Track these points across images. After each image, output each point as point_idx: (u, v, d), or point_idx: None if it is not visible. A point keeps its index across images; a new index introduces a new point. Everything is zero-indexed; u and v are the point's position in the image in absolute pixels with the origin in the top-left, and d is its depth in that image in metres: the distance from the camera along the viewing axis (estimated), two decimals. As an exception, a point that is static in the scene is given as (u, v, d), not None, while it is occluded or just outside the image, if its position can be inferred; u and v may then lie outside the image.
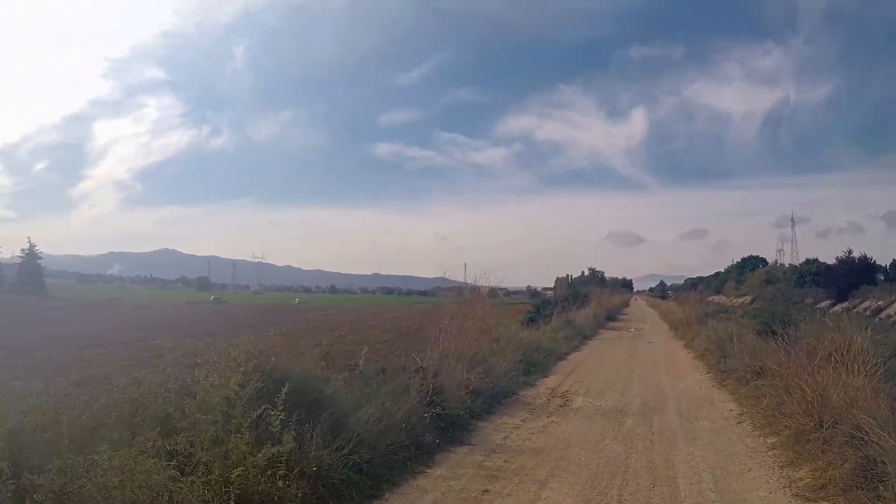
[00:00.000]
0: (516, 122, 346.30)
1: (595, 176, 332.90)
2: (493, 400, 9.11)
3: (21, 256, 64.61)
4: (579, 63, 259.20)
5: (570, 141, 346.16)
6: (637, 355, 17.02)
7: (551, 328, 19.18)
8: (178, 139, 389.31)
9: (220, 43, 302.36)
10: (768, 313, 17.51)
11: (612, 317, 33.31)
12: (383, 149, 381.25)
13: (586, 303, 30.10)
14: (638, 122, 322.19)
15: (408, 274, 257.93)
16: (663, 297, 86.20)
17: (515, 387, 10.47)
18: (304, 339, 19.72)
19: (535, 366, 12.97)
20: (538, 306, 30.11)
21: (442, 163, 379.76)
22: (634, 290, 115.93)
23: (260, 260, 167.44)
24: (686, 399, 9.82)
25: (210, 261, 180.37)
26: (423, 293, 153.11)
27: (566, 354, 16.41)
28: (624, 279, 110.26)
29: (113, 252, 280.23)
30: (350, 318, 40.51)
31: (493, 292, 16.48)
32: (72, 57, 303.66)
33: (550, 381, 11.95)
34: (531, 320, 24.57)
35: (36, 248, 65.62)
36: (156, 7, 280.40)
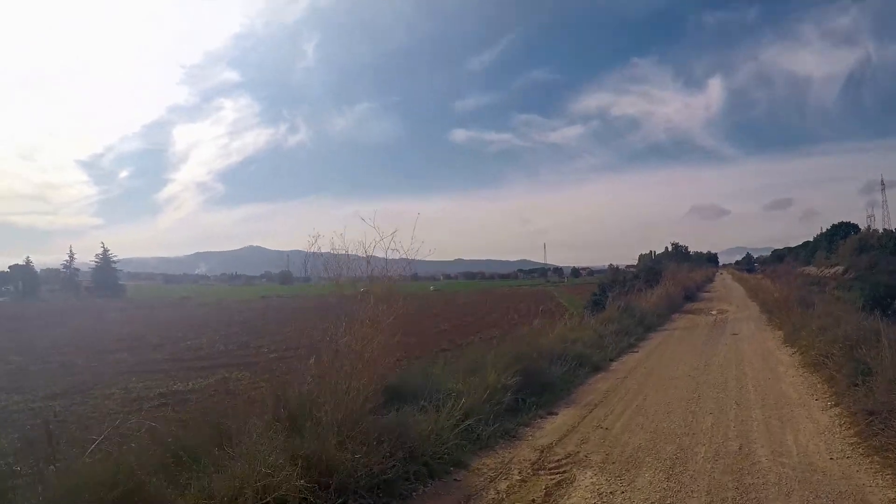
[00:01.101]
0: (592, 100, 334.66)
1: (674, 149, 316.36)
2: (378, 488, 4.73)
3: (96, 261, 66.90)
4: (652, 34, 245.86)
5: (646, 115, 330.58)
6: (714, 363, 11.49)
7: (600, 320, 14.60)
8: (255, 138, 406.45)
9: (290, 41, 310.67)
10: (871, 284, 13.79)
11: (691, 296, 27.85)
12: (460, 134, 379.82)
13: (660, 281, 24.84)
14: (715, 91, 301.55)
15: (490, 258, 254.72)
16: (749, 271, 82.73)
17: (463, 453, 5.88)
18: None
19: (544, 388, 8.37)
20: (604, 286, 25.26)
21: (519, 145, 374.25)
22: (720, 263, 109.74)
23: (342, 252, 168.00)
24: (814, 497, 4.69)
25: (286, 255, 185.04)
26: (505, 276, 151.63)
27: (608, 362, 11.74)
28: (708, 253, 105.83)
29: (199, 252, 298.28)
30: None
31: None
32: (148, 68, 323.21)
33: (555, 423, 7.29)
34: (596, 304, 20.47)
35: (110, 252, 68.16)
36: (225, 13, 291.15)
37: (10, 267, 69.08)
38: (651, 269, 30.17)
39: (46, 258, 77.73)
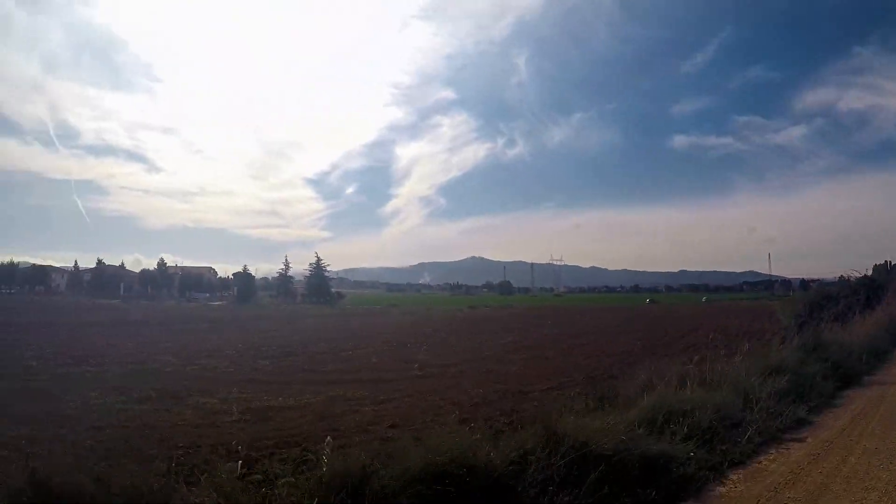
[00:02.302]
0: (814, 96, 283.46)
1: None
2: None
3: (310, 270, 76.14)
4: (872, 18, 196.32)
5: (875, 109, 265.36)
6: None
7: (761, 368, 9.32)
8: (474, 153, 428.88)
9: (501, 57, 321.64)
10: None
11: None
12: (678, 140, 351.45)
13: (883, 298, 18.08)
14: None
15: (715, 269, 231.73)
16: None
17: None
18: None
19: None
20: (812, 306, 19.18)
21: (740, 148, 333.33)
22: None
23: (558, 262, 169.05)
24: None
25: (507, 266, 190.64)
26: (729, 289, 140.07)
27: (726, 472, 6.07)
28: None
29: (423, 262, 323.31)
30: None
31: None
32: (366, 91, 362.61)
33: None
34: (802, 327, 15.13)
35: (323, 262, 76.90)
36: (436, 34, 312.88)
37: (233, 274, 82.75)
38: (873, 282, 21.71)
39: (277, 266, 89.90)
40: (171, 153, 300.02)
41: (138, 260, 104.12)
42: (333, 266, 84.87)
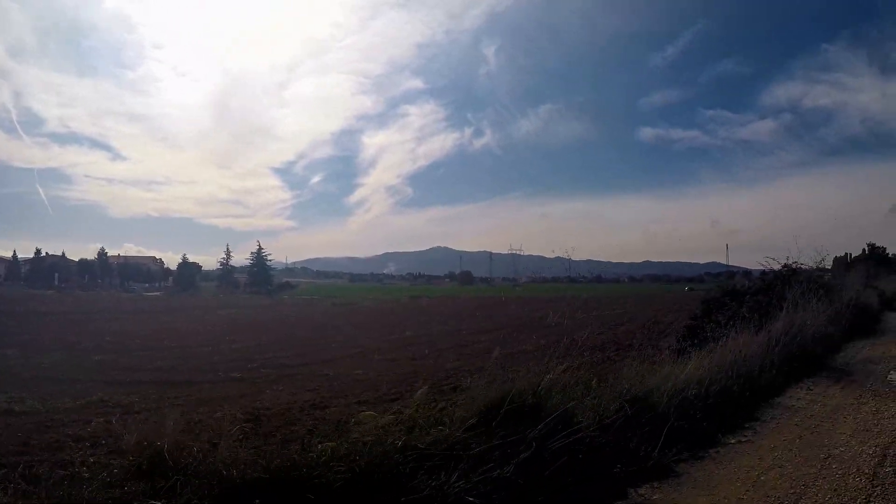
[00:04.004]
0: (781, 91, 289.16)
1: (872, 143, 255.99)
2: None
3: (251, 260, 73.13)
4: (840, 15, 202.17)
5: (841, 105, 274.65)
6: None
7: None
8: (442, 143, 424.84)
9: (472, 47, 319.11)
10: None
11: (865, 327, 15.48)
12: (646, 133, 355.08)
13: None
14: None
15: (679, 260, 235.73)
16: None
17: None
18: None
19: None
20: (711, 304, 16.44)
21: (707, 142, 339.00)
22: None
23: (518, 252, 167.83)
24: None
25: (472, 256, 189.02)
26: (691, 279, 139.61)
27: None
28: None
29: (388, 252, 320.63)
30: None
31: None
32: (335, 79, 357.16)
33: None
34: (692, 335, 12.44)
35: (264, 252, 73.96)
36: (407, 23, 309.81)
37: (178, 265, 79.37)
38: (777, 277, 16.31)
39: (243, 256, 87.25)
40: (136, 141, 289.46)
41: (102, 249, 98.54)
42: (299, 256, 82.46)
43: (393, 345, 21.57)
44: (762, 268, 16.08)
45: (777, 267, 15.60)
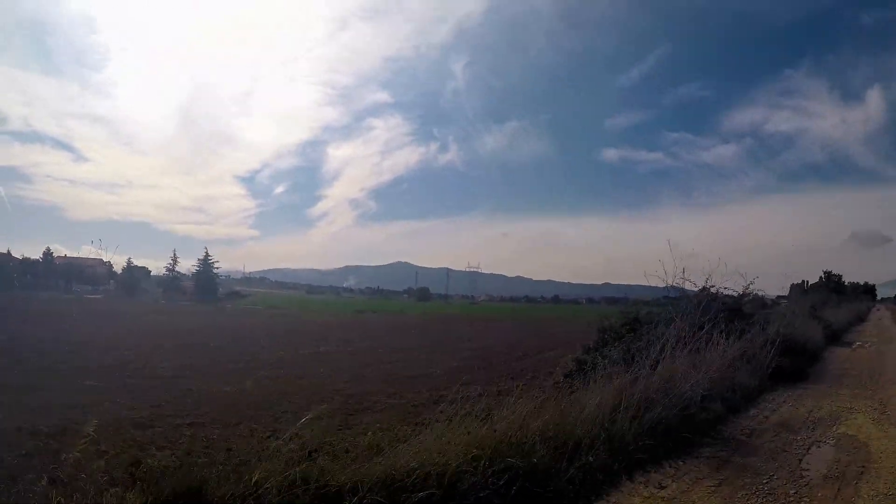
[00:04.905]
0: (744, 116, 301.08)
1: (832, 170, 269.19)
2: None
3: (197, 267, 71.37)
4: (804, 42, 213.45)
5: (801, 132, 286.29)
6: None
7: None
8: (406, 157, 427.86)
9: (439, 62, 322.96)
10: None
11: (796, 370, 13.38)
12: (610, 154, 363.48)
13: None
14: (875, 103, 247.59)
15: (639, 283, 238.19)
16: (915, 309, 60.46)
17: None
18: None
19: None
20: (606, 334, 14.44)
21: (670, 164, 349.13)
22: (878, 297, 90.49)
23: (475, 269, 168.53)
24: None
25: (432, 272, 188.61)
26: (647, 303, 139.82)
27: None
28: (865, 284, 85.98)
29: (349, 265, 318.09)
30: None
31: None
32: (301, 89, 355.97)
33: None
34: (581, 368, 10.79)
35: (211, 259, 72.08)
36: (375, 36, 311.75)
37: (122, 269, 77.11)
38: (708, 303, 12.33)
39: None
40: (99, 143, 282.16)
41: (59, 251, 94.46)
42: (261, 265, 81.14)
43: (297, 359, 21.05)
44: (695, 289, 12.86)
45: (694, 289, 13.24)
